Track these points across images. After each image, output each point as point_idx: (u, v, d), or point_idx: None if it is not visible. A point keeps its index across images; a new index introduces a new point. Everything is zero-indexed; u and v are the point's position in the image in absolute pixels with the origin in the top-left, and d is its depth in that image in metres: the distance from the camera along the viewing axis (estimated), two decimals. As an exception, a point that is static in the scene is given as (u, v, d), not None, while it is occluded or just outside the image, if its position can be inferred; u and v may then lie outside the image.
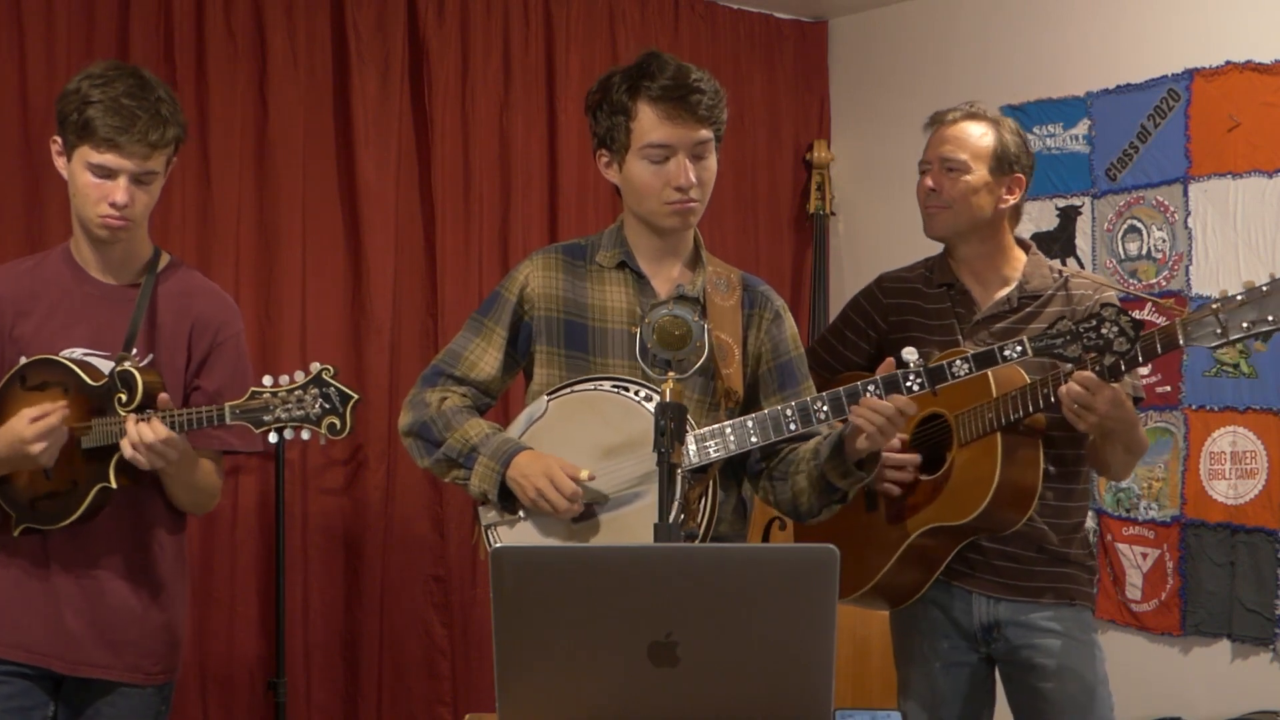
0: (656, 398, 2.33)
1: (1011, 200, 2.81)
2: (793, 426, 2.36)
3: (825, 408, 2.35)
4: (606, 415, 2.38)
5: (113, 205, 2.48)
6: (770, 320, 2.58)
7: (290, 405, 2.32)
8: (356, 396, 2.32)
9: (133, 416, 2.41)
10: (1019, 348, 2.29)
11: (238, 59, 4.00)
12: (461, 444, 2.46)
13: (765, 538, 4.37)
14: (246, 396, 2.35)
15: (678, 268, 2.56)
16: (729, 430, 2.36)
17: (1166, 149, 4.13)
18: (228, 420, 2.37)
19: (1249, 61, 3.95)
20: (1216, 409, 3.99)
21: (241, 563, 4.00)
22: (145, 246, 2.65)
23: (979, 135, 2.79)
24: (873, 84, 5.05)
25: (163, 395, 2.46)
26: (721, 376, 2.47)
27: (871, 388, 2.30)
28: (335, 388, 2.31)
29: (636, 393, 2.38)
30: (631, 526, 2.33)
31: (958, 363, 2.29)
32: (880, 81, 5.01)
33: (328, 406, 2.31)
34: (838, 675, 1.77)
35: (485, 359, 2.55)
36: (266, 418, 2.33)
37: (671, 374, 2.16)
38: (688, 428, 2.31)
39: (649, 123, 2.43)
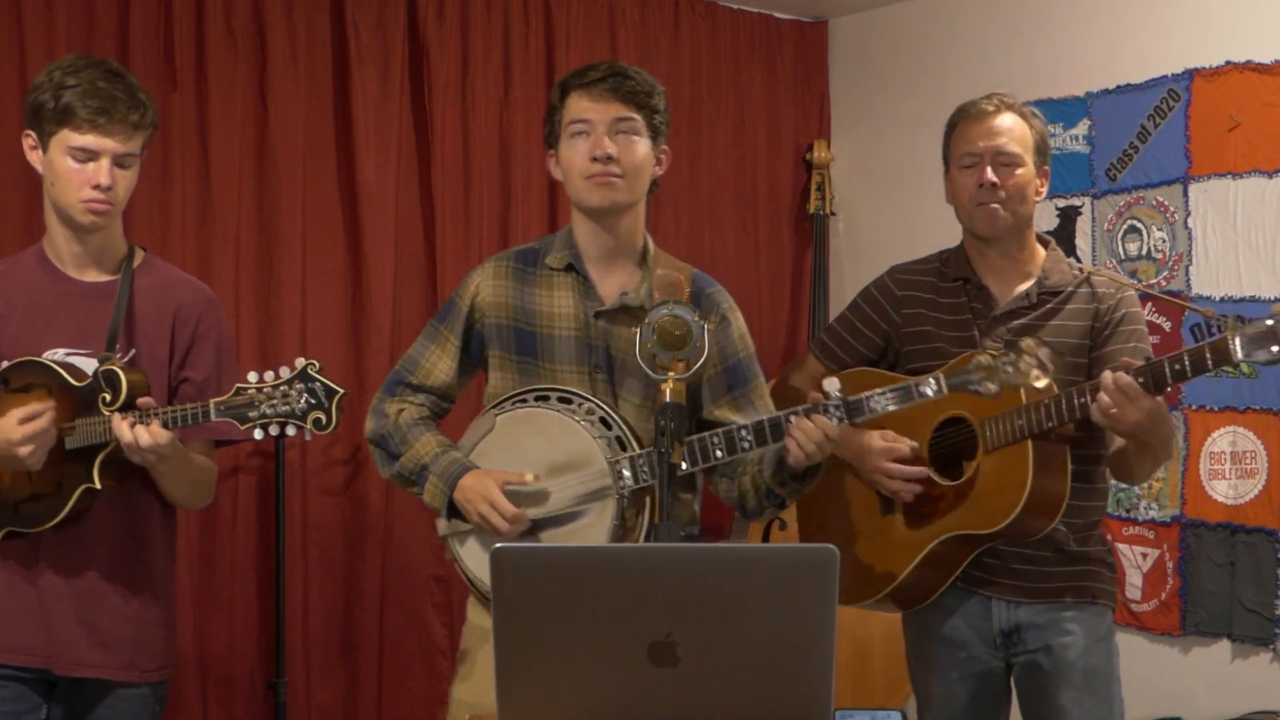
0: (600, 412, 2.46)
1: (1044, 193, 2.75)
2: (719, 454, 2.43)
3: (750, 437, 2.41)
4: (549, 434, 2.47)
5: (96, 188, 2.48)
6: (716, 324, 2.60)
7: (275, 400, 2.31)
8: (342, 391, 2.31)
9: (118, 416, 2.41)
10: (934, 384, 2.34)
11: (238, 59, 4.00)
12: (414, 463, 2.56)
13: (765, 538, 4.38)
14: (231, 393, 2.34)
15: (626, 270, 2.59)
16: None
17: (1166, 149, 4.13)
18: (213, 417, 2.36)
19: (1249, 61, 3.95)
20: (1216, 409, 3.99)
21: (241, 562, 4.00)
22: (120, 241, 2.64)
23: (1023, 127, 2.70)
24: (873, 84, 5.05)
25: (144, 397, 2.44)
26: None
27: (793, 419, 2.36)
28: (321, 382, 2.30)
29: (580, 406, 2.47)
30: (573, 544, 2.41)
31: (875, 396, 2.34)
32: (880, 81, 5.01)
33: (313, 401, 2.30)
34: (838, 675, 1.77)
35: (440, 366, 2.64)
36: (252, 414, 2.32)
37: (672, 374, 2.19)
38: (627, 448, 2.43)
39: (574, 106, 2.54)
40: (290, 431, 2.32)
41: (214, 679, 3.96)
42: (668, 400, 2.17)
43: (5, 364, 2.53)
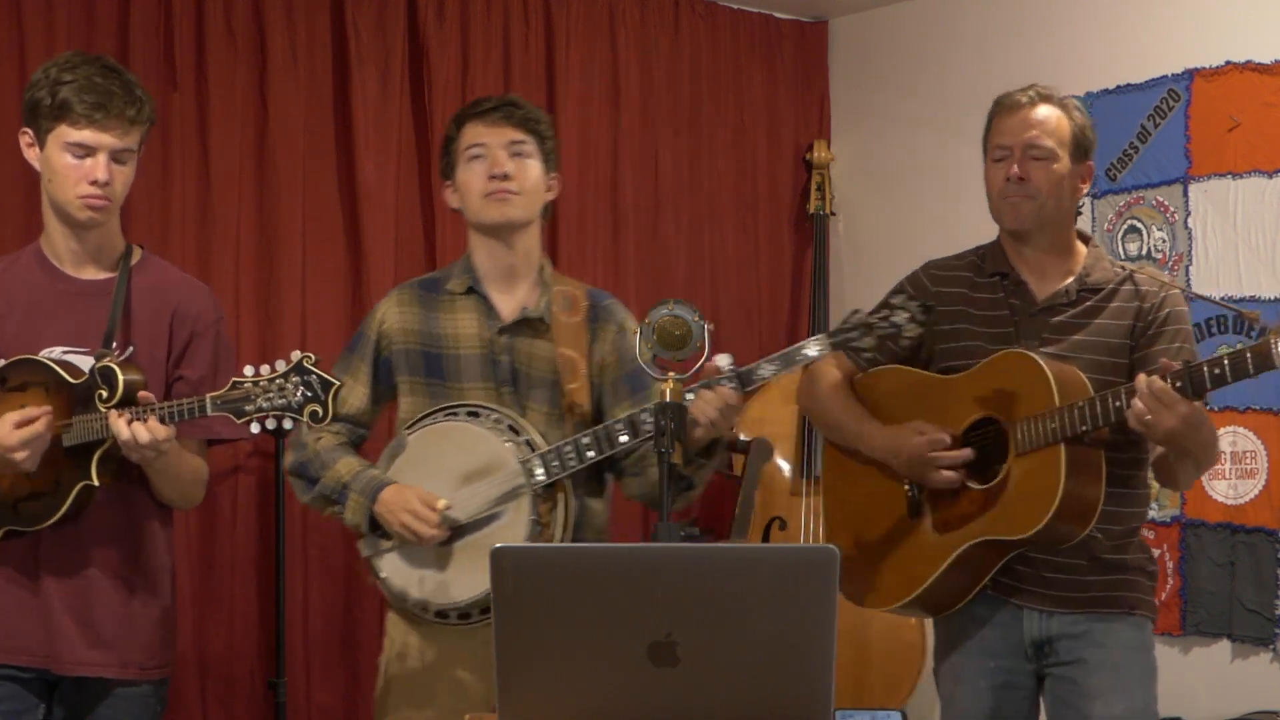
0: (508, 420, 2.57)
1: (1085, 189, 2.70)
2: (624, 438, 2.52)
3: (648, 419, 2.46)
4: (460, 444, 2.57)
5: (93, 183, 2.48)
6: (615, 333, 2.72)
7: (272, 394, 2.31)
8: (339, 383, 2.32)
9: (115, 412, 2.41)
10: (817, 345, 2.40)
11: (238, 59, 4.00)
12: (334, 482, 2.64)
13: (765, 538, 4.37)
14: (228, 387, 2.34)
15: (524, 289, 2.71)
16: (567, 448, 2.52)
17: (1166, 149, 4.12)
18: (209, 411, 2.36)
19: (1249, 61, 3.95)
20: (1216, 409, 3.98)
21: (241, 562, 4.00)
22: (118, 239, 2.64)
23: (1060, 119, 2.65)
24: (873, 84, 5.05)
25: (143, 393, 2.45)
26: (565, 391, 2.64)
27: (690, 395, 2.41)
28: (317, 375, 2.31)
29: (489, 416, 2.57)
30: (491, 546, 2.45)
31: (763, 364, 2.42)
32: (880, 81, 5.01)
33: (309, 394, 2.30)
34: (838, 675, 1.77)
35: (354, 394, 2.73)
36: (248, 408, 2.32)
37: (671, 374, 2.22)
38: (537, 446, 2.53)
39: (470, 133, 2.69)
40: (287, 425, 2.32)
41: (214, 679, 3.96)
42: (667, 400, 2.19)
43: (2, 362, 2.53)
